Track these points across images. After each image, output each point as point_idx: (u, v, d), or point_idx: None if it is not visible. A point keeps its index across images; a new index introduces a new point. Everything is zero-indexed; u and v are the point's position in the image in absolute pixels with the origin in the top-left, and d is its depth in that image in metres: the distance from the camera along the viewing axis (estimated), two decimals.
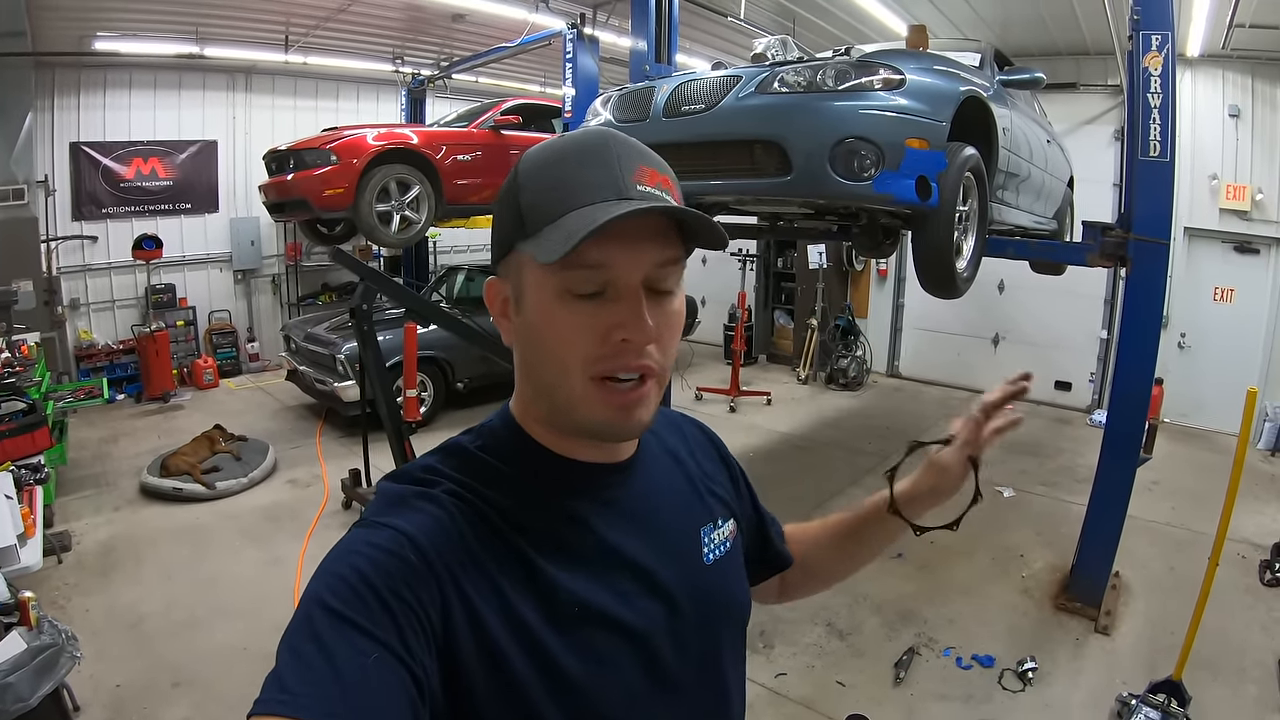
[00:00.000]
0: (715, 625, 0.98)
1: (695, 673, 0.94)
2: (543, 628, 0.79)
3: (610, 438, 0.89)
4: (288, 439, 7.77)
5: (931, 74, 3.80)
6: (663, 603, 0.91)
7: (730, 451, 1.23)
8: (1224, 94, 8.11)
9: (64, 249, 9.13)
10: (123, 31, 8.06)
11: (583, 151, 0.83)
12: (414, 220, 6.96)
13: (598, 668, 0.82)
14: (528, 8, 7.77)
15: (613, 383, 0.82)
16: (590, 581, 0.85)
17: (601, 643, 0.83)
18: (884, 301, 11.15)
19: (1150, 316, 4.38)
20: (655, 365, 0.84)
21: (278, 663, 0.68)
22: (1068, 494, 6.42)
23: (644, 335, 0.81)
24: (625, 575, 0.88)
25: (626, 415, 0.84)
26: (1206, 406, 8.39)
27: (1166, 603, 4.64)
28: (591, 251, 0.77)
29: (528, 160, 0.86)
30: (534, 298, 0.83)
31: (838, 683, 3.94)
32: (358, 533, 0.80)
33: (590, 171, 0.81)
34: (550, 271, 0.79)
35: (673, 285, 0.86)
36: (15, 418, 5.00)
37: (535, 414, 0.91)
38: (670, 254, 0.83)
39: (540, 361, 0.85)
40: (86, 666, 3.50)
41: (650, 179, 0.82)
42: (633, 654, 0.86)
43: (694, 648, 0.94)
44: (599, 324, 0.80)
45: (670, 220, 0.83)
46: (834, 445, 7.98)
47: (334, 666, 0.66)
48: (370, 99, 11.60)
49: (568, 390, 0.83)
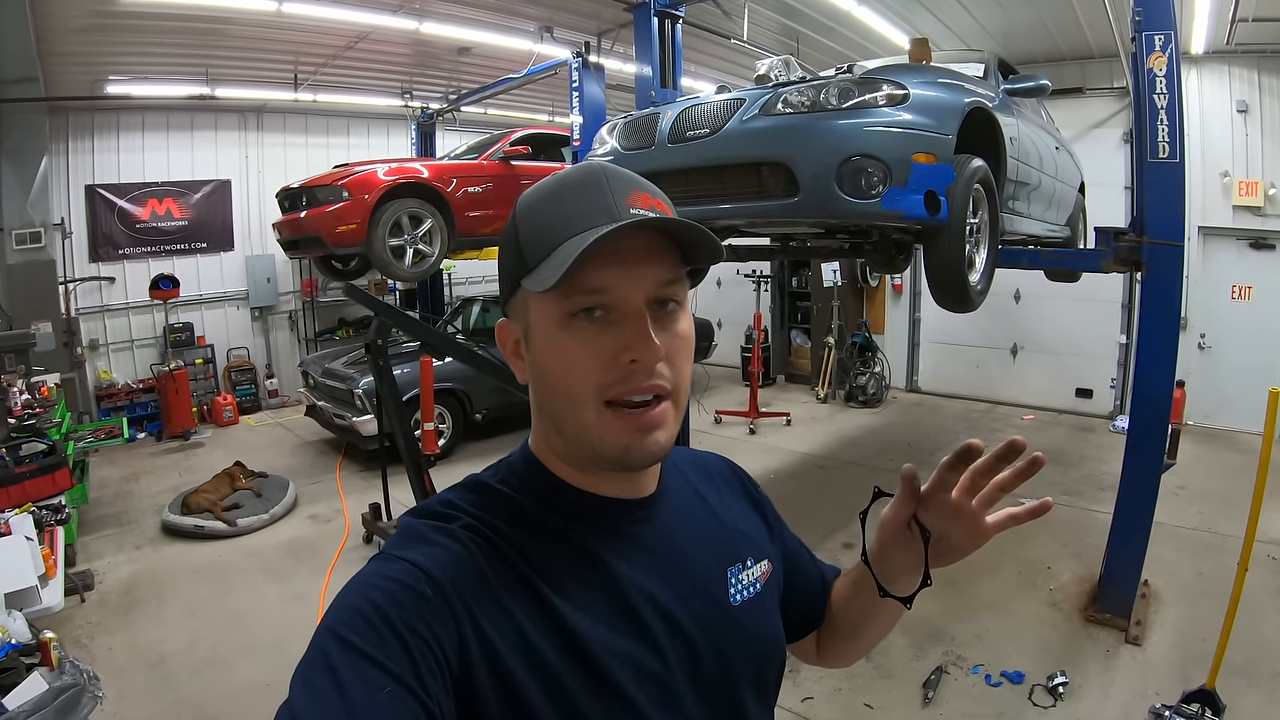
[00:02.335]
0: (738, 667, 0.95)
1: (716, 715, 0.92)
2: (560, 665, 0.78)
3: (629, 465, 0.85)
4: (308, 474, 7.80)
5: (935, 87, 3.79)
6: (682, 643, 0.89)
7: (762, 490, 1.19)
8: (1231, 90, 8.08)
9: (82, 290, 9.27)
10: (134, 74, 8.22)
11: (575, 184, 0.84)
12: (427, 253, 7.00)
13: (614, 707, 0.81)
14: (532, 38, 7.87)
15: (626, 408, 0.81)
16: (608, 620, 0.84)
17: (618, 682, 0.81)
18: (900, 317, 11.11)
19: (1168, 319, 4.33)
20: (667, 385, 0.83)
21: (291, 693, 0.68)
22: (1093, 503, 6.33)
23: (652, 354, 0.80)
24: (644, 614, 0.87)
25: (643, 438, 0.82)
26: (1230, 407, 8.29)
27: (1197, 609, 4.56)
28: (592, 276, 0.78)
29: (524, 200, 0.87)
30: (540, 331, 0.83)
31: (865, 705, 3.88)
32: (375, 566, 0.80)
33: (583, 201, 0.81)
34: (553, 301, 0.80)
35: (677, 305, 0.85)
36: (36, 459, 5.03)
37: (554, 449, 0.90)
38: (671, 273, 0.83)
39: (551, 393, 0.85)
40: (110, 705, 3.51)
41: (643, 203, 0.83)
42: (650, 694, 0.84)
43: (714, 689, 0.92)
44: (606, 349, 0.80)
45: (668, 240, 0.83)
46: (855, 464, 7.91)
47: (347, 700, 0.65)
48: (381, 134, 11.76)
49: (580, 419, 0.82)
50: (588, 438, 0.83)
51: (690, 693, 0.88)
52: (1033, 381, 9.86)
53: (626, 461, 0.84)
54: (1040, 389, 9.78)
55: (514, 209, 0.87)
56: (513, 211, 0.87)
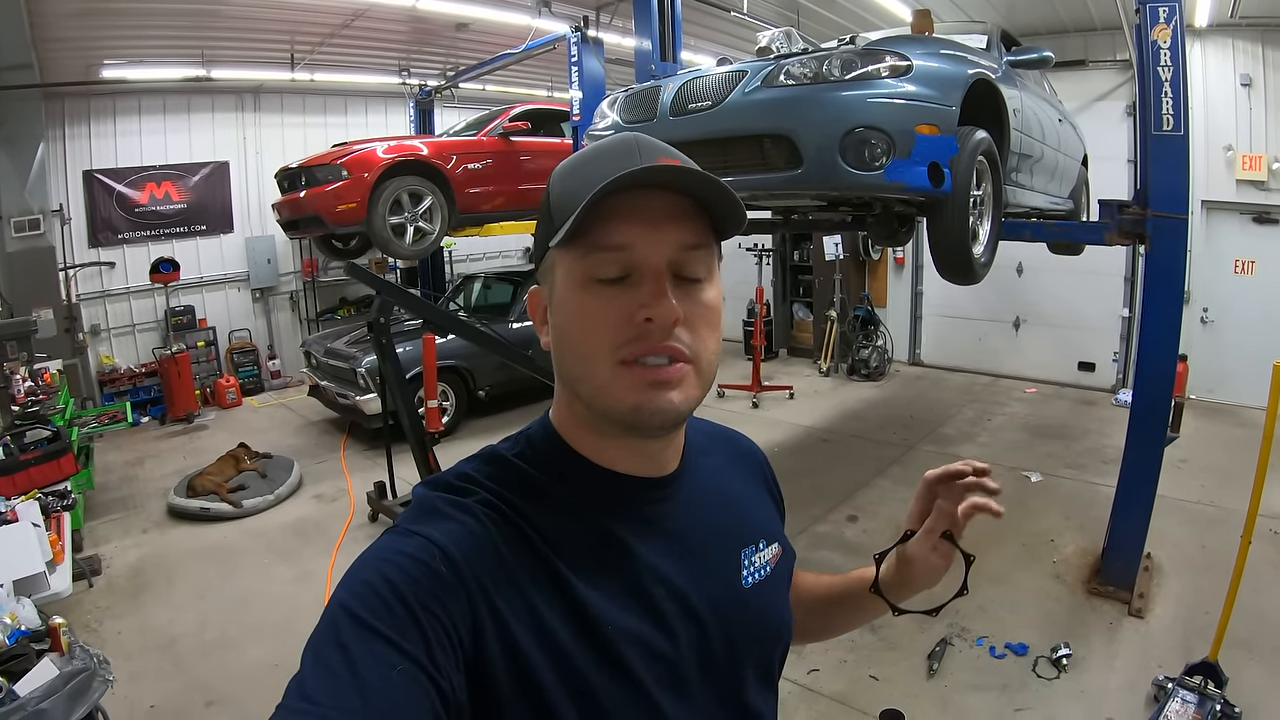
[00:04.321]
0: (745, 649, 0.95)
1: (719, 696, 0.92)
2: (572, 645, 0.78)
3: (640, 425, 0.82)
4: (312, 454, 7.81)
5: (938, 58, 3.76)
6: (693, 625, 0.89)
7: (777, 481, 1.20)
8: (1235, 63, 8.00)
9: (82, 276, 9.24)
10: (129, 58, 8.15)
11: (606, 151, 0.85)
12: (428, 231, 6.98)
13: (623, 687, 0.80)
14: (530, 13, 7.78)
15: (640, 365, 0.80)
16: (623, 601, 0.83)
17: (629, 662, 0.81)
18: (903, 290, 11.08)
19: (1171, 293, 4.32)
20: (685, 349, 0.81)
21: (302, 667, 0.67)
22: (1096, 476, 6.35)
23: (666, 312, 0.79)
24: (657, 595, 0.86)
25: (656, 395, 0.80)
26: (1233, 381, 8.28)
27: (1200, 582, 4.58)
28: (614, 232, 0.78)
29: (558, 169, 0.88)
30: (563, 291, 0.83)
31: (871, 677, 3.91)
32: (389, 539, 0.79)
33: (611, 165, 0.80)
34: (576, 261, 0.81)
35: (702, 273, 0.84)
36: (40, 445, 5.04)
37: (574, 417, 0.89)
38: (695, 238, 0.82)
39: (569, 354, 0.84)
40: (120, 689, 3.53)
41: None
42: (658, 675, 0.83)
43: (720, 670, 0.91)
44: (623, 308, 0.79)
45: (695, 206, 0.82)
46: (859, 437, 7.94)
47: (358, 677, 0.65)
48: (379, 112, 11.67)
49: (594, 377, 0.81)
50: (601, 397, 0.82)
51: (697, 674, 0.88)
52: (1035, 355, 9.85)
53: (637, 420, 0.81)
54: (1043, 362, 9.77)
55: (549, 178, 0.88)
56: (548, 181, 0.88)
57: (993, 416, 8.45)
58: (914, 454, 7.28)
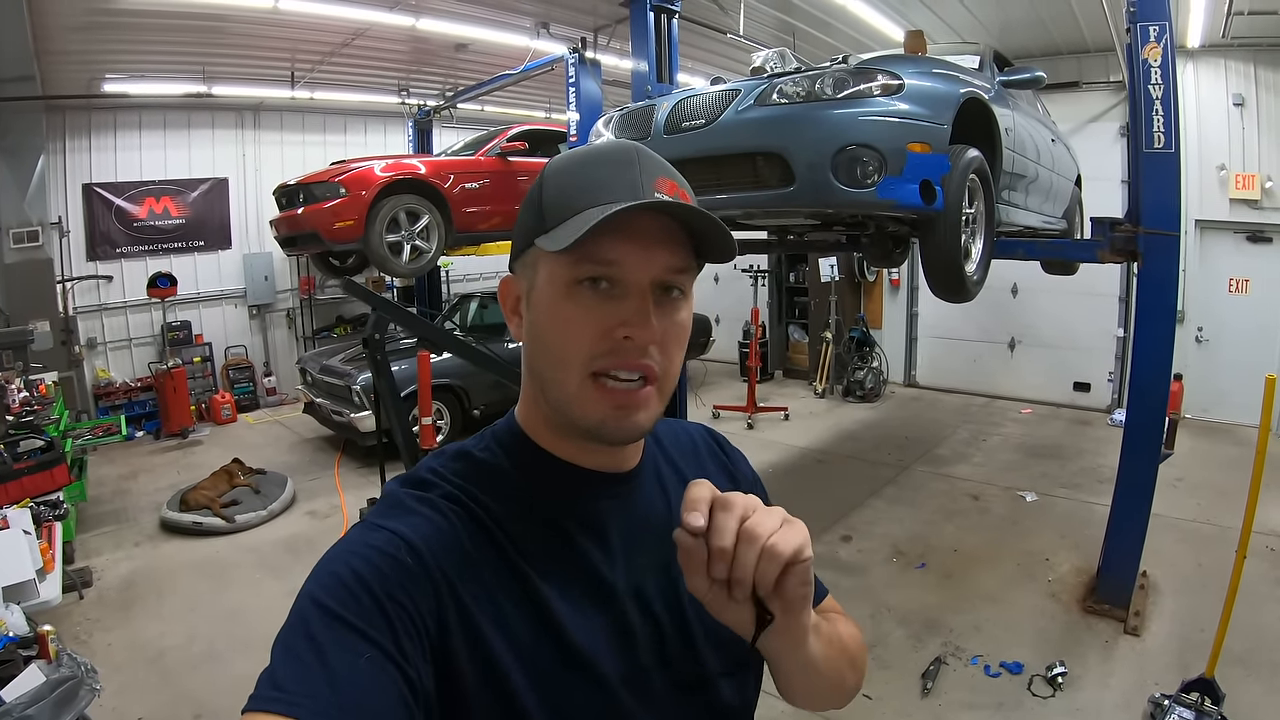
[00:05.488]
0: (704, 647, 0.93)
1: (681, 693, 0.90)
2: (531, 637, 0.79)
3: (606, 439, 0.85)
4: (306, 471, 7.80)
5: (930, 77, 3.79)
6: (650, 622, 0.89)
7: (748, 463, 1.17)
8: (1227, 83, 8.07)
9: (80, 289, 9.25)
10: (130, 73, 8.20)
11: (608, 157, 0.85)
12: (425, 250, 6.99)
13: (585, 681, 0.81)
14: (529, 34, 7.86)
15: (611, 380, 0.81)
16: (579, 595, 0.84)
17: (588, 657, 0.82)
18: (898, 311, 11.12)
19: (1164, 310, 4.34)
20: (656, 367, 0.83)
21: (272, 659, 0.69)
22: (1091, 495, 6.33)
23: (648, 334, 0.80)
24: (616, 590, 0.87)
25: (623, 416, 0.83)
26: (1228, 400, 8.29)
27: (1196, 600, 4.56)
28: (605, 248, 0.79)
29: (555, 162, 0.89)
30: (544, 291, 0.84)
31: (864, 696, 3.87)
32: (356, 533, 0.81)
33: (612, 174, 0.82)
34: (563, 265, 0.81)
35: (682, 294, 0.86)
36: (34, 455, 5.04)
37: (539, 416, 0.90)
38: (681, 261, 0.84)
39: (542, 354, 0.85)
40: (109, 700, 3.51)
41: (669, 189, 0.83)
42: (620, 673, 0.84)
43: (682, 670, 0.91)
44: (604, 320, 0.80)
45: (684, 229, 0.84)
46: (853, 457, 7.93)
47: (327, 665, 0.67)
48: (378, 131, 11.75)
49: (565, 386, 0.83)
50: (568, 405, 0.84)
51: (658, 672, 0.88)
52: (1030, 375, 9.87)
53: (601, 435, 0.84)
54: (1038, 383, 9.79)
55: (542, 171, 0.88)
56: (540, 173, 0.88)
57: (988, 437, 8.45)
58: (909, 474, 7.27)
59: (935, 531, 5.87)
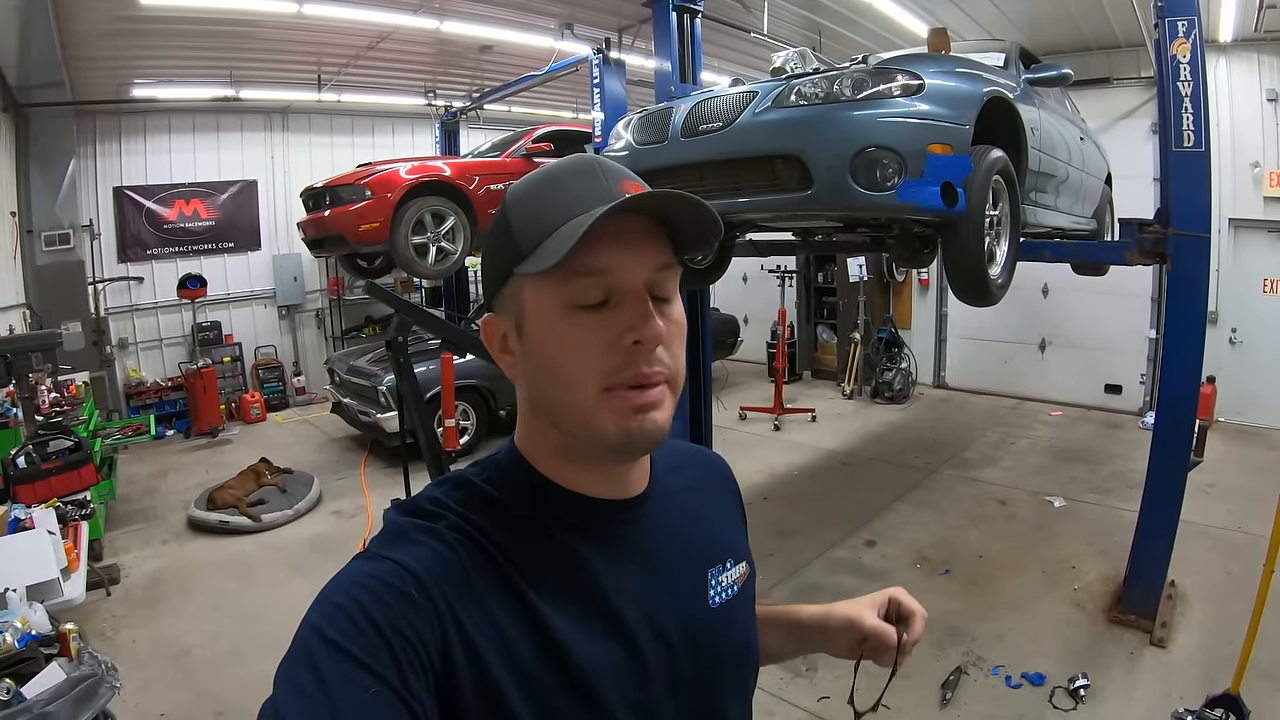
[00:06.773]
0: (716, 671, 0.94)
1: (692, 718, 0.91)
2: (538, 668, 0.78)
3: (631, 448, 0.84)
4: (333, 470, 7.88)
5: (952, 77, 3.72)
6: (662, 646, 0.88)
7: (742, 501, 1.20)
8: (1261, 78, 7.87)
9: (111, 290, 9.44)
10: (159, 78, 8.35)
11: (570, 173, 0.84)
12: (450, 251, 7.03)
13: (591, 711, 0.80)
14: (553, 35, 7.87)
15: (626, 389, 0.80)
16: (589, 623, 0.83)
17: (596, 686, 0.81)
18: (927, 312, 11.00)
19: (1195, 313, 4.24)
20: (666, 369, 0.82)
21: (275, 691, 0.68)
22: (1121, 501, 6.20)
23: (655, 334, 0.79)
24: (626, 618, 0.86)
25: (643, 419, 0.81)
26: (1262, 402, 8.11)
27: (1225, 610, 4.44)
28: (593, 256, 0.77)
29: (514, 191, 0.86)
30: (536, 318, 0.82)
31: (883, 706, 3.82)
32: (359, 564, 0.79)
33: (579, 188, 0.81)
34: (552, 288, 0.79)
35: (671, 291, 0.85)
36: (62, 455, 5.14)
37: (545, 445, 0.89)
38: (668, 257, 0.83)
39: (548, 382, 0.83)
40: (131, 696, 3.58)
41: (636, 190, 0.82)
42: (628, 698, 0.83)
43: (692, 694, 0.91)
44: (607, 332, 0.79)
45: (661, 227, 0.83)
46: (880, 460, 7.85)
47: (331, 699, 0.65)
48: (405, 133, 11.84)
49: (578, 405, 0.81)
50: (587, 424, 0.82)
51: (668, 697, 0.88)
52: (1061, 377, 9.71)
53: (628, 445, 0.83)
54: (1068, 385, 9.63)
55: (501, 203, 0.87)
56: (501, 204, 0.86)
57: (1016, 440, 8.33)
58: (935, 478, 7.18)
59: (960, 537, 5.79)
